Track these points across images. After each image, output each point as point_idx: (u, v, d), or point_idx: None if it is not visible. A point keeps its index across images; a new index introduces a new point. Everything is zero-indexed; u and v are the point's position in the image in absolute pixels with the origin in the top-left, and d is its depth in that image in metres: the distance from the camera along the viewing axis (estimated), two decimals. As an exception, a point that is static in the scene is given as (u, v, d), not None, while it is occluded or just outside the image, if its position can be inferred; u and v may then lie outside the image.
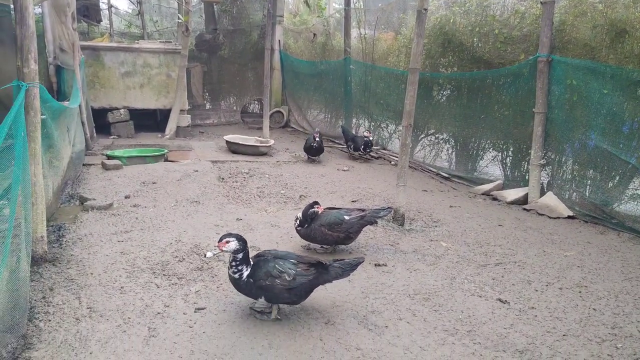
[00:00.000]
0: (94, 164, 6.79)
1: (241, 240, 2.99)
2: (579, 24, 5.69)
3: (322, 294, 3.49)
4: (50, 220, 4.49)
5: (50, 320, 2.95)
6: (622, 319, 3.32)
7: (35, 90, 3.35)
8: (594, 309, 3.45)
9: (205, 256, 2.64)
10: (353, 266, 3.21)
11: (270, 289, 2.99)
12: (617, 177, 5.50)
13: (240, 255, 2.98)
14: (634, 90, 5.17)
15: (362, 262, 3.26)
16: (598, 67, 5.35)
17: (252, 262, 3.06)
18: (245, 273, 2.99)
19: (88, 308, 3.12)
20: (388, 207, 4.42)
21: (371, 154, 8.84)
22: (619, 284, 3.87)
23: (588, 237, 5.02)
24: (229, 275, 3.04)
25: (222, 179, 6.60)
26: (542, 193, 6.08)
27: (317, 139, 7.93)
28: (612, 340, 3.04)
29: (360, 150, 8.43)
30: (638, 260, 4.38)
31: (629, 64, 5.23)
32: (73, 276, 3.51)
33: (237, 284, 3.03)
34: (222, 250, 2.94)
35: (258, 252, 3.28)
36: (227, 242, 2.94)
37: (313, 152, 8.14)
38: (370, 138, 8.45)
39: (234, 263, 2.99)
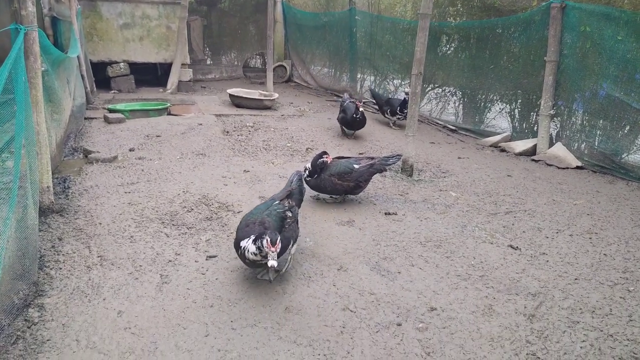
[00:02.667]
0: (96, 118, 6.67)
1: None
2: (597, -35, 5.41)
3: (333, 241, 3.49)
4: (55, 172, 4.44)
5: (61, 269, 2.95)
6: (633, 263, 3.32)
7: (34, 34, 3.21)
8: (604, 254, 3.44)
9: (271, 267, 2.52)
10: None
11: None
12: (628, 127, 5.39)
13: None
14: (650, 36, 4.97)
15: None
16: (613, 12, 5.14)
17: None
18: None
19: (99, 256, 3.11)
20: (397, 155, 4.35)
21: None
22: (629, 230, 3.86)
23: (597, 186, 4.98)
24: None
25: (227, 132, 6.50)
26: (551, 144, 5.99)
27: (360, 109, 6.36)
28: (623, 284, 3.04)
29: (398, 113, 7.13)
30: (648, 209, 4.35)
31: (647, 7, 5.01)
32: (81, 226, 3.49)
33: None
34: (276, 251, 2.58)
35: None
36: (277, 242, 2.57)
37: (356, 125, 6.45)
38: (405, 94, 7.03)
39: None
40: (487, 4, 6.80)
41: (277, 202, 3.09)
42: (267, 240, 2.54)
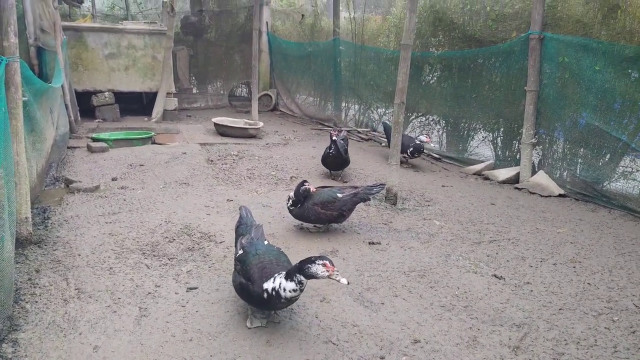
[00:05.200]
0: (79, 147, 6.61)
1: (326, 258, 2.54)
2: (571, 0, 5.63)
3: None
4: (35, 203, 4.36)
5: (37, 302, 2.85)
6: (617, 292, 3.33)
7: (16, 64, 3.20)
8: (588, 283, 3.45)
9: (348, 284, 2.45)
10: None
11: None
12: (608, 155, 5.50)
13: None
14: (625, 67, 5.14)
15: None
16: (590, 43, 5.31)
17: None
18: None
19: (76, 289, 3.03)
20: (381, 184, 4.36)
21: (364, 135, 8.59)
22: (612, 259, 3.89)
23: (580, 214, 5.04)
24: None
25: (211, 161, 6.48)
26: (534, 172, 6.08)
27: (334, 138, 5.70)
28: (608, 314, 3.04)
29: (407, 153, 6.58)
30: (630, 236, 4.40)
31: (621, 40, 5.20)
32: (60, 258, 3.40)
33: None
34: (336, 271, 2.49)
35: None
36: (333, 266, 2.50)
37: (331, 162, 5.83)
38: (426, 143, 6.69)
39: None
40: (468, 34, 7.00)
41: (266, 241, 2.97)
42: (324, 263, 2.43)
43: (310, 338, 2.68)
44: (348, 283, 2.38)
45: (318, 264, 2.43)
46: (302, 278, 2.47)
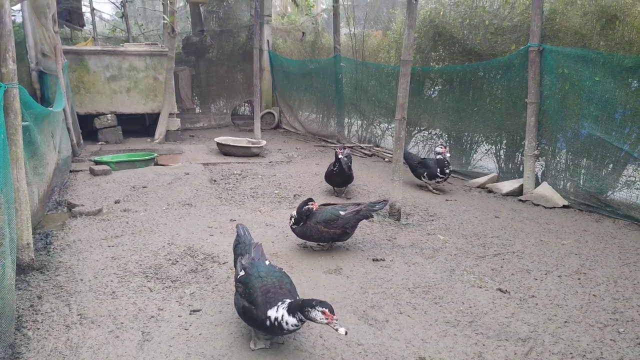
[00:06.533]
0: (81, 170, 6.65)
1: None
2: (569, 11, 5.67)
3: (320, 291, 3.42)
4: (37, 228, 4.38)
5: (39, 329, 2.84)
6: (622, 303, 3.28)
7: (15, 91, 3.23)
8: (593, 295, 3.40)
9: (345, 334, 2.42)
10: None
11: None
12: (611, 165, 5.47)
13: None
14: (625, 77, 5.14)
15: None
16: (589, 54, 5.32)
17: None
18: None
19: (78, 315, 3.01)
20: (383, 201, 4.35)
21: (367, 151, 8.50)
22: (617, 269, 3.84)
23: (584, 225, 4.99)
24: None
25: (214, 180, 6.50)
26: (537, 184, 6.05)
27: (341, 156, 5.65)
28: (613, 325, 2.99)
29: (439, 175, 6.12)
30: (634, 246, 4.35)
31: (620, 50, 5.21)
32: (62, 283, 3.40)
33: None
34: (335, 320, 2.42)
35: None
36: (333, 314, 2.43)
37: (335, 179, 5.86)
38: (445, 154, 6.22)
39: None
40: (468, 48, 7.04)
41: (267, 261, 2.93)
42: (323, 310, 2.36)
43: (315, 358, 2.64)
44: (346, 333, 2.36)
45: (318, 310, 2.38)
46: (303, 317, 2.45)
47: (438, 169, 6.12)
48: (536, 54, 5.75)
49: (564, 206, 5.57)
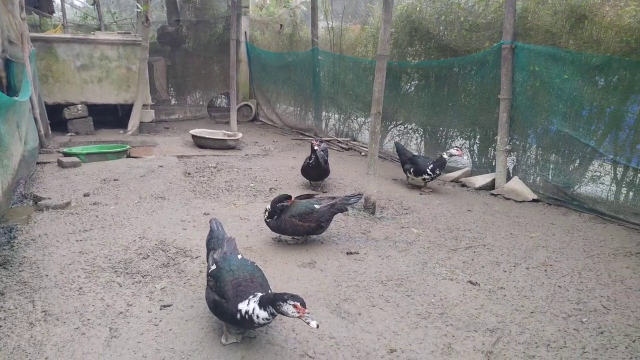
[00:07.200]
0: (49, 162, 6.45)
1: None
2: (541, 10, 5.77)
3: (294, 284, 3.41)
4: (0, 221, 4.23)
5: (1, 326, 2.75)
6: (585, 294, 3.38)
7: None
8: (559, 286, 3.50)
9: (317, 327, 2.35)
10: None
11: None
12: (578, 160, 5.63)
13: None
14: (592, 75, 5.28)
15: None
16: (559, 52, 5.44)
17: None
18: None
19: (43, 311, 2.93)
20: (358, 194, 4.36)
21: (344, 145, 8.48)
22: (582, 261, 3.96)
23: (552, 218, 5.13)
24: None
25: (189, 173, 6.41)
26: (509, 178, 6.17)
27: (316, 148, 5.68)
28: (577, 315, 3.09)
29: (427, 173, 5.99)
30: (598, 239, 4.50)
31: (588, 49, 5.34)
32: (26, 279, 3.30)
33: None
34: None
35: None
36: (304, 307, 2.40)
37: (311, 173, 5.88)
38: (459, 156, 6.19)
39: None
40: (444, 44, 7.11)
41: (239, 255, 2.90)
42: (294, 304, 2.34)
43: (287, 352, 2.64)
44: (318, 327, 2.35)
45: (289, 304, 2.36)
46: (274, 311, 2.44)
47: (430, 166, 5.95)
48: (509, 51, 5.84)
49: (534, 200, 5.71)
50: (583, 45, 5.41)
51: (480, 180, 6.41)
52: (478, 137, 7.08)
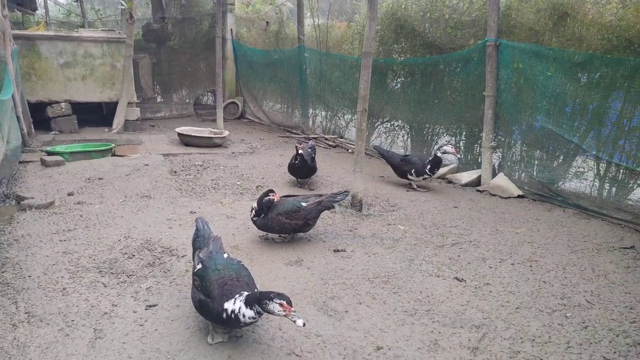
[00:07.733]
0: (32, 161, 6.35)
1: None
2: (524, 8, 5.83)
3: (280, 283, 3.41)
4: (-17, 222, 4.16)
5: (-17, 328, 2.70)
6: (570, 289, 3.44)
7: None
8: (544, 281, 3.55)
9: (304, 326, 2.32)
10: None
11: None
12: (562, 156, 5.71)
13: None
14: (575, 72, 5.36)
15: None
16: (542, 50, 5.50)
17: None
18: None
19: (26, 313, 2.89)
20: (345, 191, 4.37)
21: (331, 142, 8.49)
22: (566, 256, 4.02)
23: (537, 214, 5.19)
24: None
25: (174, 172, 6.36)
26: (494, 174, 6.24)
27: (300, 151, 5.64)
28: (561, 310, 3.13)
29: (427, 173, 5.90)
30: (582, 234, 4.57)
31: (570, 46, 5.41)
32: (8, 280, 3.24)
33: None
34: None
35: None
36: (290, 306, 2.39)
37: (297, 171, 5.86)
38: (452, 154, 6.05)
39: None
40: (429, 41, 7.14)
41: (225, 254, 2.88)
42: (281, 303, 2.32)
43: (273, 351, 2.64)
44: (304, 325, 2.35)
45: (276, 303, 2.35)
46: (260, 310, 2.43)
47: (429, 166, 5.87)
48: (493, 49, 5.89)
49: (519, 196, 5.78)
50: (566, 42, 5.47)
51: (467, 176, 6.47)
52: (464, 133, 7.13)
